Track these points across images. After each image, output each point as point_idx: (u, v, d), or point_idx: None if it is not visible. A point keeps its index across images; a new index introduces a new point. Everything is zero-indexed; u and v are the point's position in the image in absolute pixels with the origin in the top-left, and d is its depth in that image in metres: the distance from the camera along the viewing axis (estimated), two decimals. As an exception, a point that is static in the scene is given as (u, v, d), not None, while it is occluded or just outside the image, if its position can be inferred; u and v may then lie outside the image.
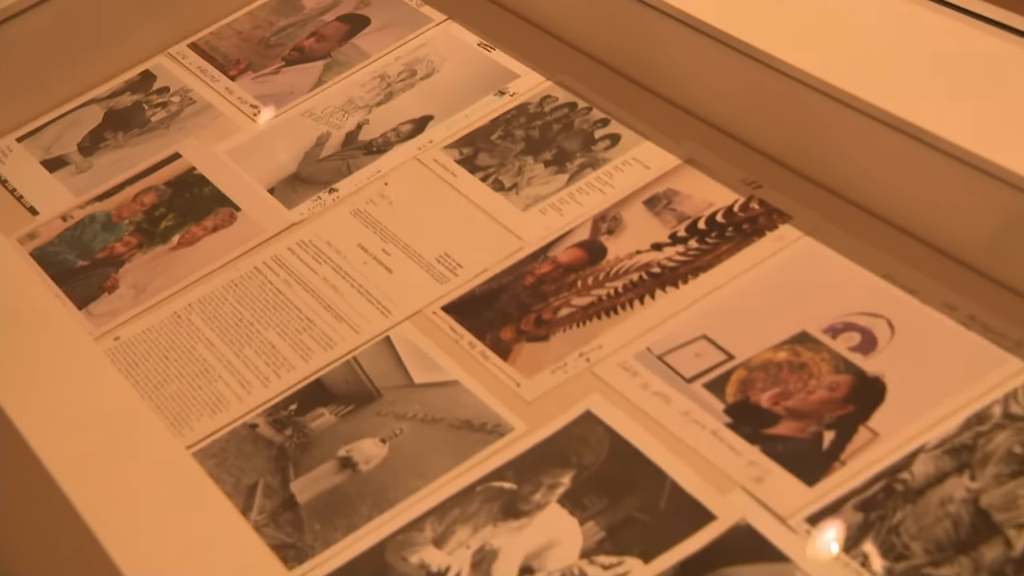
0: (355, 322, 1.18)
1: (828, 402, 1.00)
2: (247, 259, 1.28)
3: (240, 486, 1.08)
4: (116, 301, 1.29)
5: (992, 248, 1.03)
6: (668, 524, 0.96)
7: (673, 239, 1.16)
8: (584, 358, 1.09)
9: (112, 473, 1.04)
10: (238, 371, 1.17)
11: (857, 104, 1.08)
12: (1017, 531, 0.88)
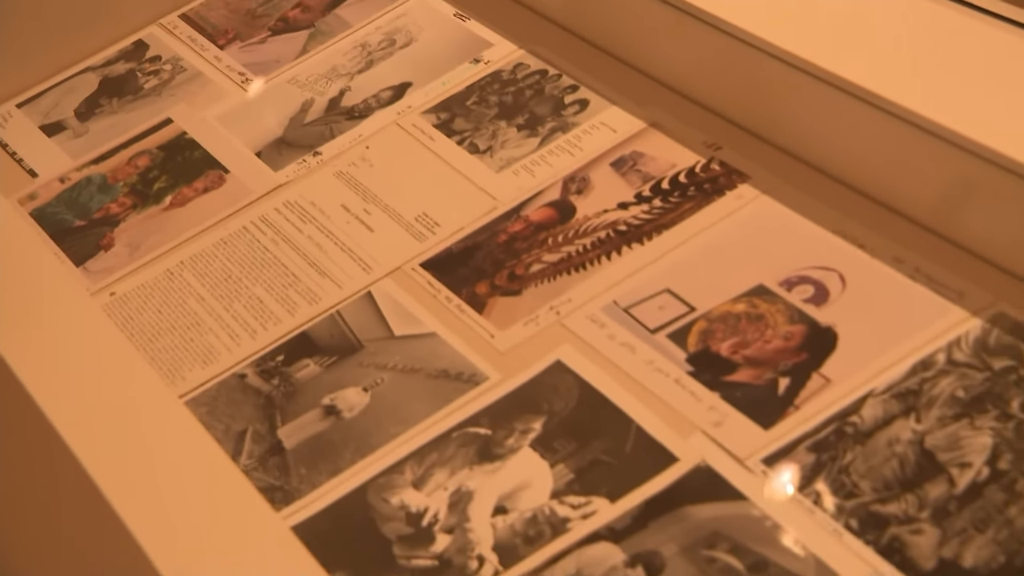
0: (338, 278, 1.18)
1: (783, 351, 1.00)
2: (236, 219, 1.28)
3: (230, 432, 1.08)
4: (112, 259, 1.29)
5: (939, 206, 1.03)
6: (633, 466, 0.96)
7: (638, 198, 1.16)
8: (554, 311, 1.09)
9: (108, 420, 1.04)
10: (228, 324, 1.17)
11: (812, 70, 1.08)
12: (960, 470, 0.89)
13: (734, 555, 0.89)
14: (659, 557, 0.90)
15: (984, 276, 0.99)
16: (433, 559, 0.95)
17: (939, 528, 0.86)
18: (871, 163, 1.08)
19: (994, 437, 0.90)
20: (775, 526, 0.90)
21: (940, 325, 0.97)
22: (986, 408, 0.92)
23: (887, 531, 0.87)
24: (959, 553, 0.85)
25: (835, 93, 1.06)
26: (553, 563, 0.92)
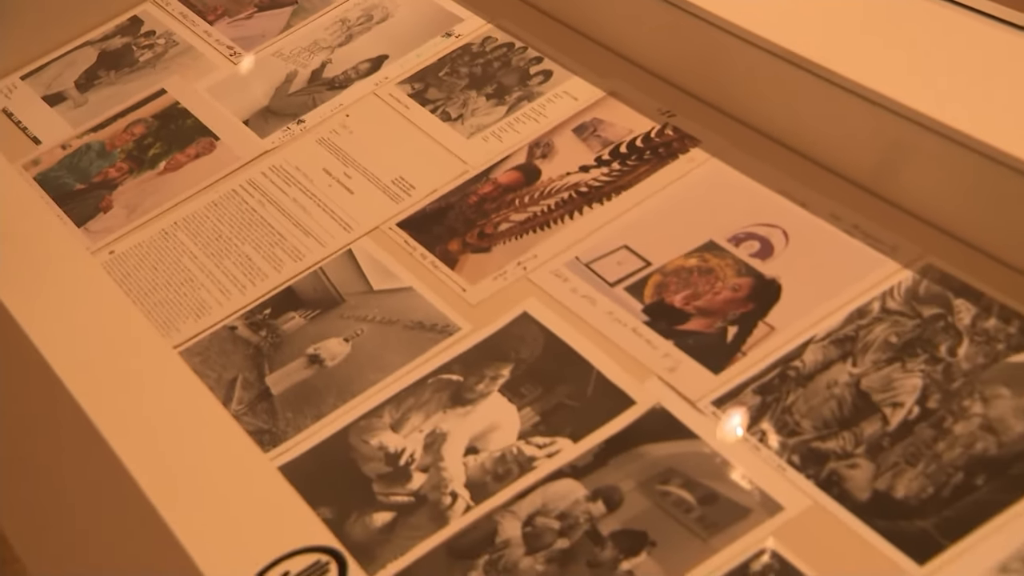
0: (321, 237, 1.18)
1: (732, 301, 1.01)
2: (225, 182, 1.28)
3: (221, 380, 1.09)
4: (110, 220, 1.28)
5: (874, 167, 1.04)
6: (594, 409, 0.97)
7: (598, 162, 1.16)
8: (521, 267, 1.10)
9: (107, 369, 1.05)
10: (219, 280, 1.18)
11: (759, 42, 1.08)
12: (892, 409, 0.90)
13: (686, 489, 0.90)
14: (618, 492, 0.91)
15: (915, 231, 1.00)
16: (410, 495, 0.96)
17: (873, 463, 0.87)
18: (813, 128, 1.08)
19: (924, 379, 0.90)
20: (724, 462, 0.91)
21: (875, 276, 0.98)
22: (916, 352, 0.92)
23: (826, 466, 0.88)
24: (892, 485, 0.86)
25: (781, 64, 1.06)
26: (520, 498, 0.93)
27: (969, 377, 0.89)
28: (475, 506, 0.93)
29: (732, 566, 0.85)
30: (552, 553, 0.89)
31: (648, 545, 0.87)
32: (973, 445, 0.86)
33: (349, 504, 0.96)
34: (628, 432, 0.94)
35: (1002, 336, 0.91)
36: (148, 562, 0.96)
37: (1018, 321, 0.92)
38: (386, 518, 0.95)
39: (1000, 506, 0.83)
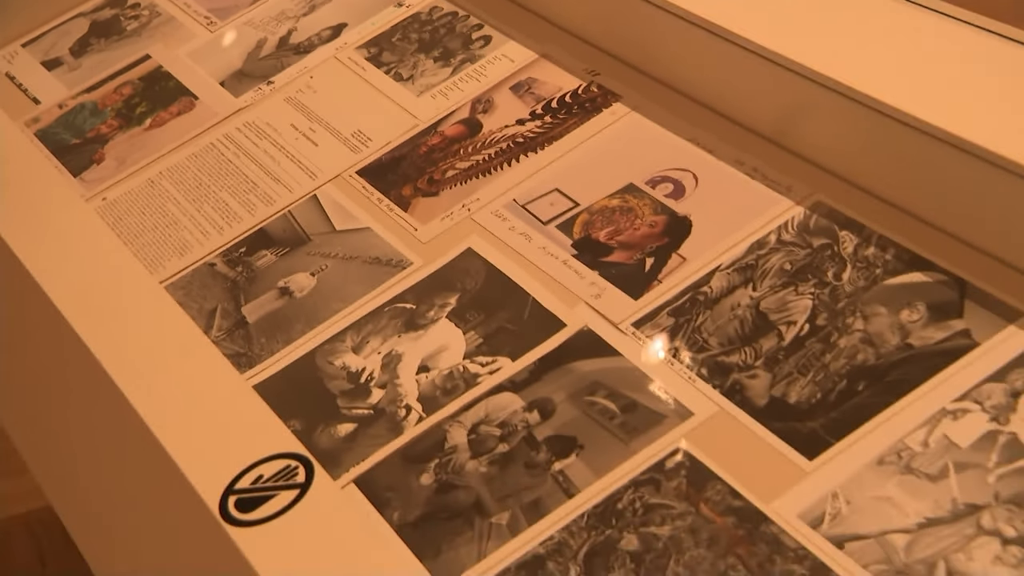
0: (289, 184, 1.18)
1: (649, 236, 1.01)
2: (204, 136, 1.27)
3: (203, 311, 1.08)
4: (103, 170, 1.27)
5: (773, 119, 1.04)
6: (530, 331, 0.97)
7: (532, 116, 1.16)
8: (466, 208, 1.10)
9: (102, 302, 1.04)
10: (199, 223, 1.17)
11: (673, 9, 1.07)
12: (787, 327, 0.91)
13: (610, 399, 0.90)
14: (551, 402, 0.91)
15: (807, 174, 1.00)
16: (369, 409, 0.96)
17: (770, 373, 0.88)
18: (721, 85, 1.08)
19: (813, 300, 0.91)
20: (643, 376, 0.91)
21: (772, 213, 0.99)
22: (807, 277, 0.93)
23: (730, 377, 0.89)
24: (786, 392, 0.87)
25: (693, 29, 1.06)
26: (466, 409, 0.93)
27: (852, 298, 0.90)
28: (426, 417, 0.94)
29: (649, 464, 0.85)
30: (494, 456, 0.89)
31: (577, 448, 0.88)
32: (855, 356, 0.87)
33: (316, 417, 0.96)
34: (559, 351, 0.95)
35: (880, 262, 0.92)
36: (138, 468, 0.96)
37: (894, 249, 0.93)
38: (349, 429, 0.95)
39: (878, 408, 0.84)
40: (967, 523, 0.76)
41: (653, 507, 0.83)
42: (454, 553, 0.84)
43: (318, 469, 0.88)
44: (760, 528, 0.80)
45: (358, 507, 0.89)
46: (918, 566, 0.75)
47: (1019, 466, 0.78)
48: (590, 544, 0.82)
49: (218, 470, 0.87)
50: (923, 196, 0.93)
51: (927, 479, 0.79)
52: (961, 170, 0.88)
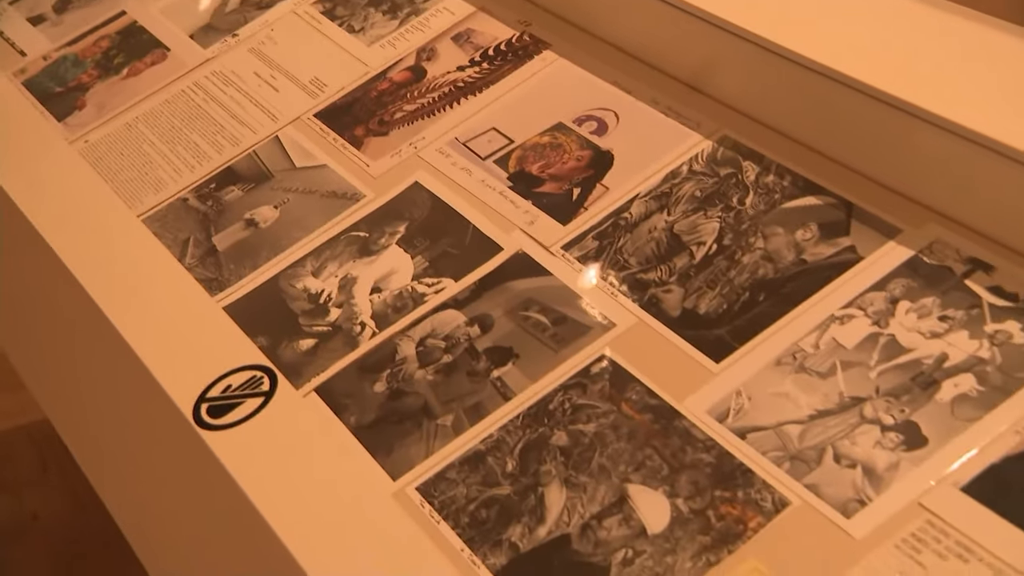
0: (253, 126, 1.17)
1: (576, 169, 1.01)
2: (176, 84, 1.25)
3: (177, 240, 1.08)
4: (84, 116, 1.25)
5: (690, 66, 1.04)
6: (471, 255, 0.97)
7: (471, 63, 1.15)
8: (413, 146, 1.09)
9: (83, 233, 1.04)
10: (172, 162, 1.16)
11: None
12: (697, 246, 0.91)
13: (542, 313, 0.91)
14: (490, 318, 0.92)
15: (714, 111, 1.00)
16: (328, 326, 0.96)
17: (683, 287, 0.89)
18: (642, 35, 1.08)
19: (720, 223, 0.92)
20: (571, 292, 0.92)
21: (684, 146, 0.99)
22: (715, 203, 0.94)
23: (647, 291, 0.90)
24: (696, 304, 0.88)
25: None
26: (414, 325, 0.93)
27: (754, 220, 0.91)
28: (379, 332, 0.94)
29: (577, 370, 0.86)
30: (439, 366, 0.90)
31: (513, 357, 0.88)
32: (756, 271, 0.88)
33: (280, 334, 0.96)
34: (497, 272, 0.95)
35: (778, 188, 0.93)
36: (122, 382, 0.96)
37: (790, 176, 0.93)
38: (309, 344, 0.95)
39: (776, 316, 0.85)
40: (852, 413, 0.78)
41: (580, 407, 0.84)
42: (405, 451, 0.85)
43: (281, 379, 0.88)
44: (673, 423, 0.81)
45: (319, 412, 0.89)
46: (809, 451, 0.77)
47: (897, 363, 0.79)
48: (525, 441, 0.83)
49: (191, 381, 0.87)
50: (816, 130, 0.93)
51: (818, 376, 0.80)
52: (849, 106, 0.88)
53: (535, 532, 0.78)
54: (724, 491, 0.76)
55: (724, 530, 0.74)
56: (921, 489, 0.72)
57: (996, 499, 0.70)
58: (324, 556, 0.76)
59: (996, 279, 0.81)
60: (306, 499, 0.81)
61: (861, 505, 0.73)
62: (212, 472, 0.83)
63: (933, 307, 0.81)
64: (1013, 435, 0.73)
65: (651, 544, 0.75)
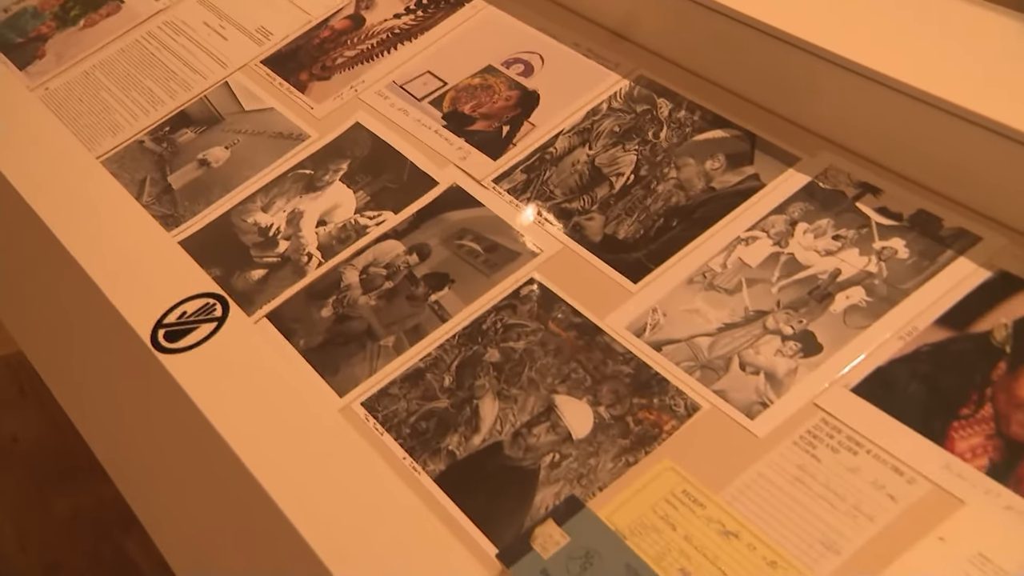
0: (204, 73, 1.14)
1: (505, 108, 1.01)
2: (131, 34, 1.22)
3: (134, 180, 1.06)
4: (45, 64, 1.22)
5: (615, 14, 1.03)
6: (409, 189, 0.97)
7: (407, 11, 1.13)
8: (353, 89, 1.08)
9: (45, 174, 1.02)
10: (129, 107, 1.13)
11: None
12: (616, 177, 0.91)
13: (476, 242, 0.91)
14: (427, 247, 0.92)
15: (631, 52, 1.00)
16: (277, 257, 0.95)
17: (604, 215, 0.89)
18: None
19: (637, 155, 0.92)
20: (501, 222, 0.91)
21: (604, 85, 0.98)
22: (632, 137, 0.93)
23: (572, 220, 0.90)
24: (616, 230, 0.88)
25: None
26: (358, 255, 0.93)
27: (667, 152, 0.91)
28: (325, 262, 0.93)
29: (507, 293, 0.86)
30: (381, 292, 0.90)
31: (449, 282, 0.88)
32: (670, 199, 0.88)
33: (233, 265, 0.95)
34: (433, 204, 0.95)
35: (689, 122, 0.93)
36: (85, 312, 0.95)
37: (700, 111, 0.93)
38: (261, 274, 0.94)
39: (688, 239, 0.85)
40: (755, 325, 0.78)
41: (511, 326, 0.84)
42: (350, 370, 0.85)
43: (233, 306, 0.87)
44: (596, 339, 0.81)
45: (270, 337, 0.89)
46: (718, 361, 0.78)
47: (796, 279, 0.80)
48: (460, 358, 0.83)
49: (149, 309, 0.87)
50: (723, 68, 0.93)
51: (725, 293, 0.81)
52: (752, 45, 0.88)
53: (471, 440, 0.78)
54: (641, 398, 0.77)
55: (642, 434, 0.75)
56: (816, 391, 0.73)
57: (881, 398, 0.71)
58: (276, 467, 0.76)
59: (883, 201, 0.82)
60: (259, 415, 0.80)
61: (763, 407, 0.74)
62: (171, 393, 0.83)
63: (828, 228, 0.82)
64: (897, 341, 0.74)
65: (576, 448, 0.75)
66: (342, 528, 0.72)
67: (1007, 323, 0.72)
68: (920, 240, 0.79)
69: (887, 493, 0.67)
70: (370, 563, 0.70)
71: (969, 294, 0.75)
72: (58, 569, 1.44)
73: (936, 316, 0.74)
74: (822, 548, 0.66)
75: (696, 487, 0.71)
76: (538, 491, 0.74)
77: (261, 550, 0.79)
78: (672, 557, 0.68)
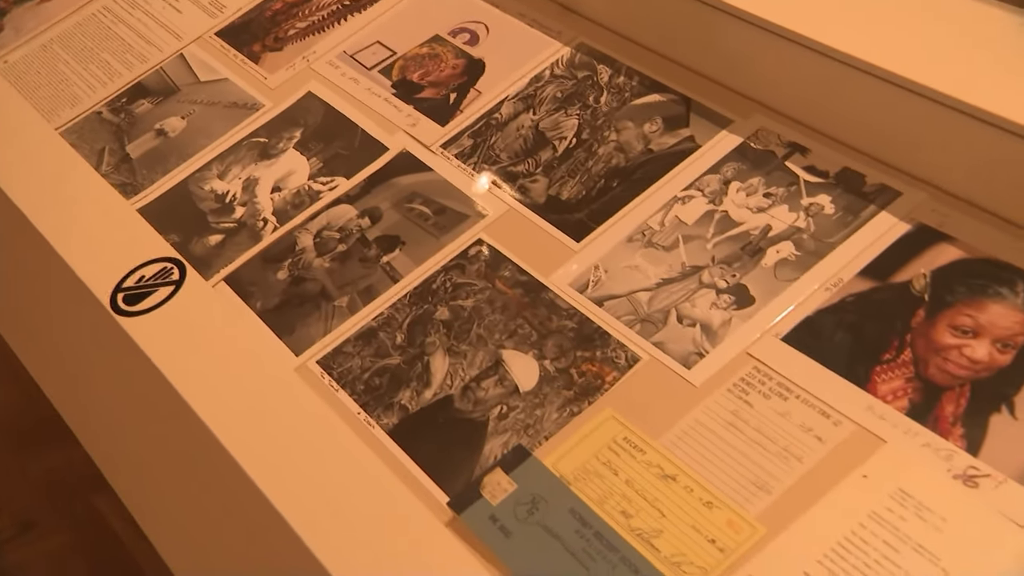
0: (160, 45, 1.12)
1: (452, 76, 1.00)
2: (87, 8, 1.19)
3: (93, 150, 1.04)
4: (3, 39, 1.19)
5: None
6: (360, 155, 0.96)
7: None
8: (305, 60, 1.06)
9: (6, 145, 1.00)
10: (87, 79, 1.11)
11: None
12: (559, 141, 0.91)
13: (425, 205, 0.90)
14: (379, 210, 0.91)
15: (572, 21, 0.99)
16: (234, 223, 0.94)
17: (547, 178, 0.89)
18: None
19: (579, 119, 0.92)
20: (450, 186, 0.91)
21: (546, 53, 0.98)
22: (574, 102, 0.93)
23: (517, 182, 0.89)
24: (559, 191, 0.88)
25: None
26: (311, 219, 0.92)
27: (608, 116, 0.91)
28: (280, 227, 0.92)
29: (456, 253, 0.86)
30: (335, 255, 0.89)
31: (400, 244, 0.88)
32: (610, 161, 0.88)
33: (191, 231, 0.94)
34: (384, 170, 0.94)
35: (628, 88, 0.93)
36: (46, 278, 0.93)
37: (638, 77, 0.93)
38: (218, 239, 0.93)
39: (627, 199, 0.85)
40: (691, 280, 0.79)
41: (460, 285, 0.84)
42: (306, 330, 0.84)
43: (190, 269, 0.86)
44: (541, 296, 0.81)
45: (228, 299, 0.88)
46: (657, 314, 0.78)
47: (729, 235, 0.81)
48: (412, 316, 0.83)
49: (108, 274, 0.85)
50: (660, 35, 0.93)
51: (663, 250, 0.81)
52: (686, 11, 0.88)
53: (422, 395, 0.78)
54: (585, 352, 0.77)
55: (585, 385, 0.75)
56: (749, 341, 0.74)
57: (810, 346, 0.72)
58: (234, 424, 0.76)
59: (811, 160, 0.82)
60: (218, 375, 0.79)
61: (700, 357, 0.74)
62: (132, 356, 0.82)
63: (759, 186, 0.82)
64: (824, 292, 0.75)
65: (523, 400, 0.75)
66: (299, 481, 0.72)
67: (925, 273, 0.73)
68: (845, 196, 0.79)
69: (815, 435, 0.68)
70: (326, 513, 0.70)
71: (890, 246, 0.75)
72: (31, 527, 1.43)
73: (860, 268, 0.75)
74: (754, 488, 0.67)
75: (636, 434, 0.71)
76: (487, 442, 0.74)
77: (223, 503, 0.78)
78: (614, 500, 0.68)
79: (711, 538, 0.65)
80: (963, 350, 0.69)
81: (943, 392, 0.67)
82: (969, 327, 0.69)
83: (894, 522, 0.62)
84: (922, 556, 0.61)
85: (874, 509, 0.63)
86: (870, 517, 0.63)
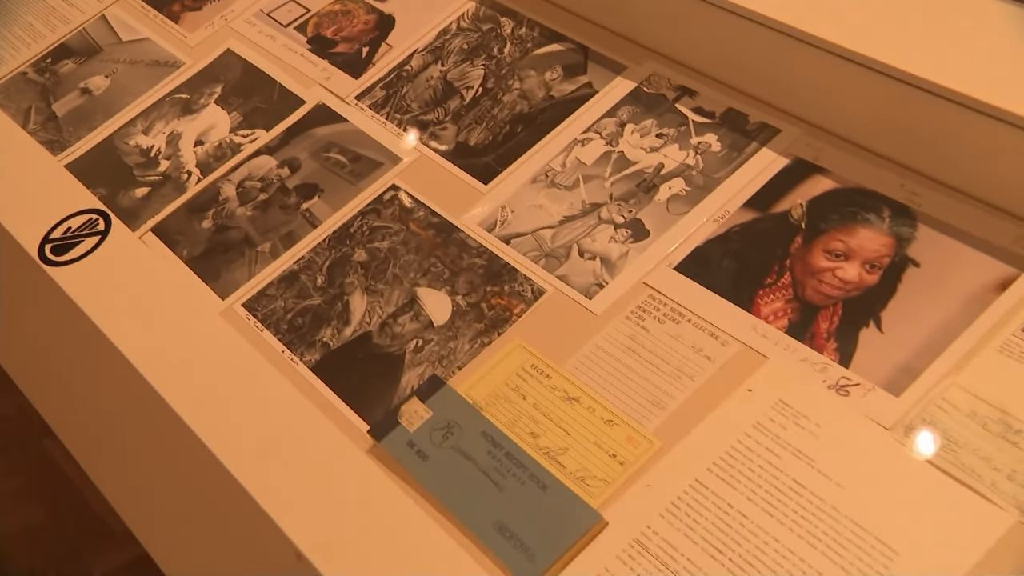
0: (82, 7, 1.08)
1: (364, 31, 0.98)
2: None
3: (20, 110, 1.00)
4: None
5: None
6: (278, 110, 0.93)
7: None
8: (224, 19, 1.03)
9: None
10: (11, 42, 1.06)
11: None
12: (466, 90, 0.90)
13: (341, 154, 0.88)
14: (297, 160, 0.89)
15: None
16: (159, 176, 0.91)
17: (456, 125, 0.88)
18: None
19: (485, 70, 0.90)
20: (364, 135, 0.89)
21: (453, 7, 0.96)
22: (480, 53, 0.92)
23: (428, 130, 0.88)
24: (467, 138, 0.87)
25: None
26: (233, 170, 0.90)
27: (511, 66, 0.90)
28: (204, 179, 0.90)
29: (372, 199, 0.85)
30: (257, 203, 0.87)
31: (319, 192, 0.86)
32: (514, 108, 0.87)
33: (117, 185, 0.91)
34: (302, 122, 0.92)
35: (530, 38, 0.91)
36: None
37: (539, 28, 0.92)
38: (144, 191, 0.90)
39: (531, 143, 0.85)
40: (591, 217, 0.78)
41: (376, 229, 0.82)
42: (231, 275, 0.82)
43: (116, 220, 0.83)
44: (452, 236, 0.80)
45: (156, 249, 0.85)
46: (560, 250, 0.77)
47: (625, 174, 0.80)
48: (331, 259, 0.82)
49: (36, 227, 0.82)
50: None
51: (565, 189, 0.81)
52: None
53: (342, 332, 0.77)
54: (494, 287, 0.76)
55: (495, 317, 0.75)
56: (645, 271, 0.74)
57: (699, 273, 0.72)
58: (163, 367, 0.74)
59: (699, 102, 0.82)
60: (146, 320, 0.77)
61: (600, 288, 0.74)
62: (63, 305, 0.79)
63: (652, 127, 0.82)
64: (712, 223, 0.75)
65: (437, 333, 0.75)
66: (228, 418, 0.70)
67: (802, 203, 0.73)
68: (730, 135, 0.79)
69: (704, 355, 0.68)
70: (253, 446, 0.68)
71: (771, 179, 0.75)
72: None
73: (744, 200, 0.75)
74: (651, 406, 0.67)
75: (543, 361, 0.71)
76: (404, 373, 0.73)
77: (159, 442, 0.76)
78: (523, 423, 0.68)
79: (612, 453, 0.65)
80: (836, 272, 0.69)
81: (818, 311, 0.68)
82: (841, 251, 0.70)
83: (775, 431, 0.63)
84: (800, 460, 0.62)
85: (758, 420, 0.64)
86: (754, 427, 0.63)
